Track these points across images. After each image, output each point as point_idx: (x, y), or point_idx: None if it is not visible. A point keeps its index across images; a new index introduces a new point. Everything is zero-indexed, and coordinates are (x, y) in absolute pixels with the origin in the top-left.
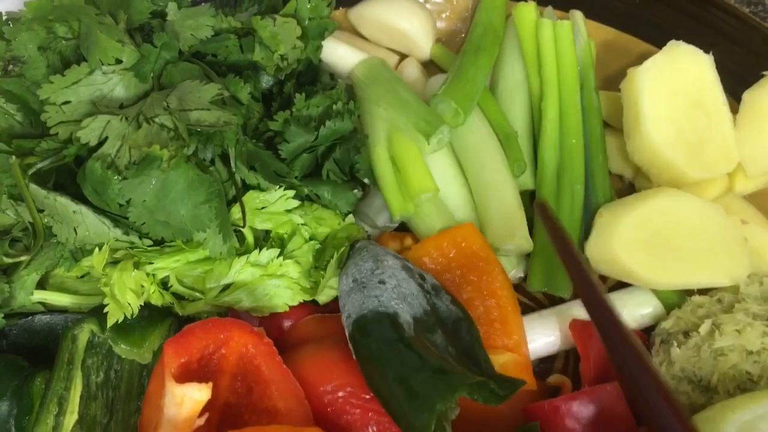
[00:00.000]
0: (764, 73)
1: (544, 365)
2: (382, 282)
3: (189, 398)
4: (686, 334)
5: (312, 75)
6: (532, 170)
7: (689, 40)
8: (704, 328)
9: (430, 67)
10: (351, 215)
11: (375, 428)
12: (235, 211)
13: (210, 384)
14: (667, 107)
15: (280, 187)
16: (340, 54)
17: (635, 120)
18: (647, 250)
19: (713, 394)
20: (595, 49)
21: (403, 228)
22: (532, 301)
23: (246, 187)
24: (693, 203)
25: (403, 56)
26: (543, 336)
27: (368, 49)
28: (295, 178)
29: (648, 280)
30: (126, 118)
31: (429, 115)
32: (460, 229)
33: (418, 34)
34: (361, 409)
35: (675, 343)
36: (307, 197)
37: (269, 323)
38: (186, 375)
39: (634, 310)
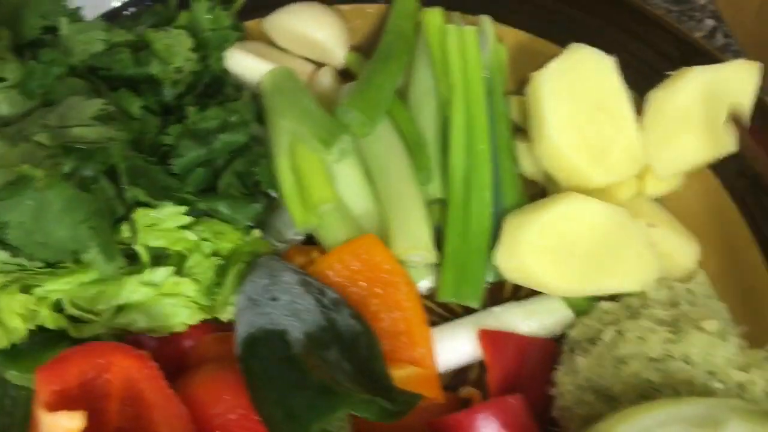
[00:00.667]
0: (669, 73)
1: (461, 376)
2: (274, 298)
3: (60, 427)
4: (592, 342)
5: (219, 87)
6: (442, 178)
7: (601, 42)
8: (608, 336)
9: (348, 75)
10: (257, 229)
11: None
12: (127, 229)
13: (82, 412)
14: (569, 111)
15: (171, 203)
16: (247, 65)
17: (539, 125)
18: (553, 257)
19: (617, 404)
20: (509, 54)
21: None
22: (448, 312)
23: (139, 205)
24: (598, 207)
25: (321, 65)
26: (453, 347)
27: (283, 60)
28: (189, 192)
29: (556, 288)
30: (4, 137)
31: (330, 125)
32: (361, 241)
33: (331, 42)
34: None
35: (579, 352)
36: (205, 212)
37: (169, 344)
38: (66, 402)
39: (544, 318)
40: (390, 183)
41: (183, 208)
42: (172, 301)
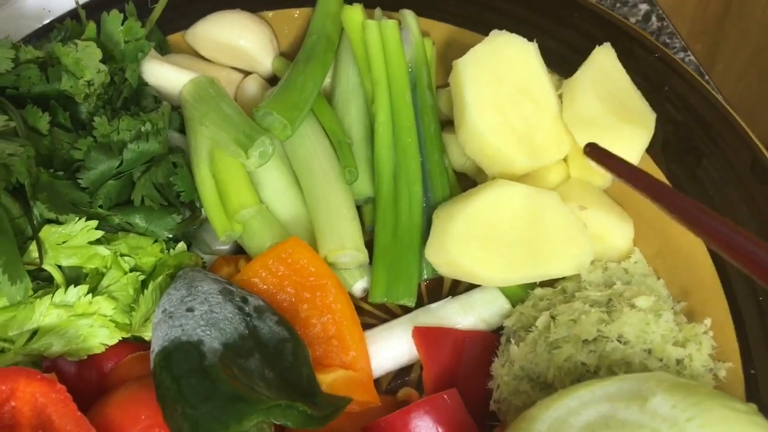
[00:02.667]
0: None
1: (403, 378)
2: (190, 309)
3: None
4: (527, 330)
5: (137, 100)
6: (371, 176)
7: (526, 29)
8: (541, 321)
9: (277, 82)
10: (182, 242)
11: None
12: (34, 249)
13: None
14: (491, 95)
15: (80, 218)
16: (166, 76)
17: (461, 110)
18: (483, 246)
19: (552, 391)
20: (437, 47)
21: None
22: (388, 314)
23: (48, 223)
24: (526, 192)
25: (250, 74)
26: (389, 348)
27: (208, 70)
28: (100, 206)
29: (489, 278)
30: None
31: (248, 128)
32: (285, 245)
33: (256, 49)
34: None
35: (514, 341)
36: (122, 227)
37: (89, 366)
38: None
39: (481, 310)
40: (315, 184)
41: (93, 223)
42: (88, 321)
